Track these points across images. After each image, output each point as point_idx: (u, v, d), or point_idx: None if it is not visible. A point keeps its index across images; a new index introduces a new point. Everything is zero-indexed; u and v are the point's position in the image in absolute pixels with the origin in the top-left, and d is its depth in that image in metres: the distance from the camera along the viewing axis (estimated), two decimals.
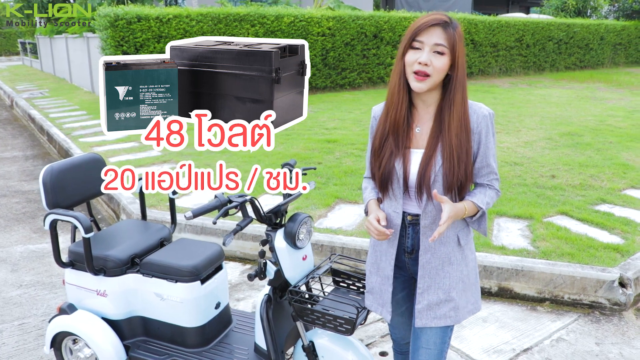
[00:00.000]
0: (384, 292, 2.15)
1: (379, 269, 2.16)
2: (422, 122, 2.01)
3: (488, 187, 2.04)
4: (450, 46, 1.87)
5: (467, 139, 1.93)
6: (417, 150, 2.00)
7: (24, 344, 3.40)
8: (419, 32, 1.87)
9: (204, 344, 2.79)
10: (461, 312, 2.08)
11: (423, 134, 2.00)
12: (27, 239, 5.13)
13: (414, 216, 2.04)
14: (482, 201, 1.98)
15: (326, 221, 4.74)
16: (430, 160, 1.94)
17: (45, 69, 23.83)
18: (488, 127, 1.98)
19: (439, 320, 2.05)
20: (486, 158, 2.00)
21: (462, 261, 2.07)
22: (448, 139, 1.92)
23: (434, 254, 2.03)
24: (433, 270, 2.04)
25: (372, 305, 2.22)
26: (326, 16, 12.89)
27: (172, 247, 2.92)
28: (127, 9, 10.39)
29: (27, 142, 9.84)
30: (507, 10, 30.41)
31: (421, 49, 1.88)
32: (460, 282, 2.07)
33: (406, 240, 2.09)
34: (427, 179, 1.94)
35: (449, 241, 2.03)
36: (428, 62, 1.86)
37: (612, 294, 3.73)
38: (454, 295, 2.05)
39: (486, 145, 1.98)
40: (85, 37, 14.49)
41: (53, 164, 2.85)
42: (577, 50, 19.61)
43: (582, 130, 8.59)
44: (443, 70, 1.89)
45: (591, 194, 5.45)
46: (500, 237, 4.39)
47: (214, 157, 7.03)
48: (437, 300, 2.04)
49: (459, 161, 1.92)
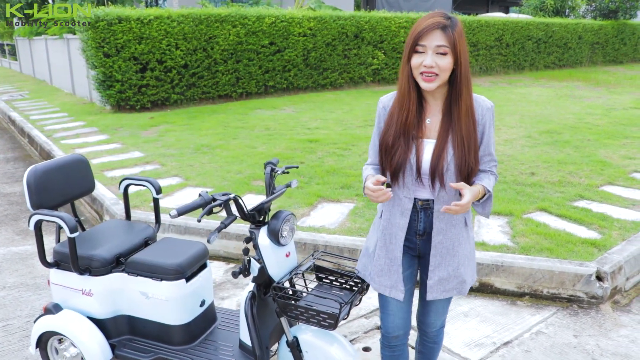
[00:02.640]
0: (393, 273, 2.28)
1: (388, 251, 2.29)
2: (433, 114, 2.16)
3: (490, 173, 2.24)
4: (451, 46, 1.99)
5: (474, 129, 2.11)
6: (429, 141, 2.14)
7: (8, 345, 3.39)
8: (421, 36, 2.00)
9: (189, 341, 2.82)
10: (465, 284, 2.31)
11: (434, 125, 2.15)
12: (9, 241, 5.10)
13: (424, 201, 2.20)
14: (489, 185, 2.18)
15: (309, 220, 4.78)
16: (442, 150, 2.09)
17: (24, 71, 23.54)
18: (491, 118, 2.17)
19: (447, 292, 2.29)
20: (488, 147, 2.19)
21: (467, 240, 2.29)
22: (458, 129, 2.08)
23: (446, 235, 2.22)
24: (444, 250, 2.23)
25: (380, 288, 2.34)
26: (307, 16, 12.93)
27: (156, 246, 2.94)
28: (108, 10, 10.31)
29: (7, 145, 9.74)
30: (487, 10, 30.70)
31: (425, 52, 2.01)
32: (466, 259, 2.30)
33: (418, 224, 2.24)
34: (440, 168, 2.09)
35: (458, 223, 2.23)
36: (433, 64, 1.99)
37: (590, 288, 3.82)
38: (462, 271, 2.27)
39: (489, 135, 2.17)
40: (65, 39, 14.36)
41: (37, 165, 2.86)
42: (556, 49, 19.88)
43: (561, 128, 8.74)
44: (449, 69, 2.02)
45: (570, 190, 5.57)
46: (481, 233, 4.47)
47: (195, 158, 7.04)
48: (447, 275, 2.26)
49: (469, 149, 2.09)
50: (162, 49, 10.91)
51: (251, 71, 12.36)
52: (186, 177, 6.15)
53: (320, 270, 2.69)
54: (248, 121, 9.65)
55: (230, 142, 7.92)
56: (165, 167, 6.63)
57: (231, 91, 12.25)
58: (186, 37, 11.19)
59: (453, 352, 3.26)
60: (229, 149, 7.51)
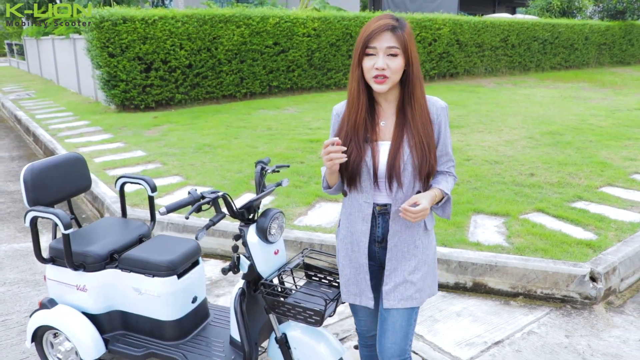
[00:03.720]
0: (360, 280, 2.23)
1: (351, 260, 2.24)
2: (387, 117, 2.13)
3: (448, 174, 2.21)
4: (402, 47, 1.98)
5: (431, 128, 2.10)
6: (384, 142, 2.11)
7: (6, 340, 3.45)
8: (370, 39, 1.98)
9: (181, 336, 2.86)
10: (424, 294, 2.20)
11: (388, 127, 2.12)
12: (11, 238, 5.17)
13: (382, 206, 2.15)
14: (446, 188, 2.15)
15: (306, 219, 4.82)
16: (398, 151, 2.06)
17: (32, 71, 23.72)
18: (445, 118, 2.15)
19: (405, 301, 2.16)
20: (445, 147, 2.17)
21: (427, 245, 2.20)
22: (415, 129, 2.05)
23: (401, 238, 2.15)
24: (400, 253, 2.15)
25: (349, 298, 2.29)
26: (311, 17, 12.97)
27: (150, 243, 2.99)
28: (113, 11, 10.40)
29: (13, 143, 9.84)
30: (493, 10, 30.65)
31: (375, 55, 1.99)
32: (425, 265, 2.20)
33: (377, 230, 2.18)
34: (397, 168, 2.06)
35: (416, 226, 2.16)
36: (384, 66, 1.97)
37: (583, 288, 3.84)
38: (419, 278, 2.17)
39: (445, 134, 2.15)
40: (71, 39, 14.47)
41: (34, 163, 2.92)
42: (562, 50, 19.82)
43: (564, 130, 8.73)
44: (400, 70, 2.01)
45: (568, 191, 5.57)
46: (477, 233, 4.49)
47: (197, 157, 7.09)
48: (402, 281, 2.16)
49: (429, 148, 2.07)
50: (166, 49, 10.99)
51: (255, 71, 12.42)
52: (186, 176, 6.20)
53: (310, 268, 2.72)
54: (250, 121, 9.70)
55: (231, 142, 7.97)
56: (166, 166, 6.68)
57: (235, 91, 12.31)
58: (190, 37, 11.26)
59: (443, 351, 3.28)
60: (230, 148, 7.56)
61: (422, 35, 15.17)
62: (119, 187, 3.30)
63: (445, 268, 4.02)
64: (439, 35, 15.58)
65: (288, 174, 6.14)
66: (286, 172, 6.23)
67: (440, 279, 4.04)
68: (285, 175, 6.10)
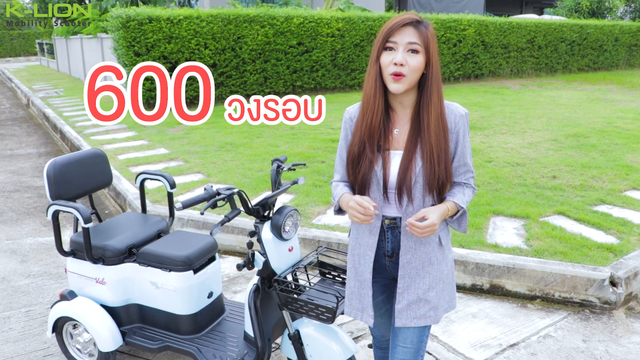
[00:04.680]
0: (363, 296, 2.14)
1: (357, 273, 2.16)
2: (401, 124, 2.02)
3: (465, 186, 2.08)
4: (424, 44, 1.89)
5: (445, 139, 1.95)
6: (397, 152, 2.00)
7: (29, 330, 3.55)
8: (392, 32, 1.88)
9: (196, 331, 2.91)
10: (439, 311, 2.10)
11: (402, 135, 2.01)
12: (37, 231, 5.30)
13: (392, 220, 2.06)
14: (462, 201, 2.03)
15: (325, 218, 4.84)
16: (410, 162, 1.95)
17: (61, 69, 24.21)
18: (465, 126, 2.01)
19: (419, 320, 2.06)
20: (464, 157, 2.04)
21: (442, 261, 2.09)
22: (427, 139, 1.93)
23: (415, 254, 2.04)
24: (413, 271, 2.05)
25: (351, 312, 2.20)
26: (335, 17, 12.99)
27: (168, 239, 3.04)
28: (139, 10, 10.57)
29: (41, 140, 10.06)
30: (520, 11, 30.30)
31: (395, 50, 1.89)
32: (440, 282, 2.09)
33: (386, 245, 2.09)
34: (407, 181, 1.95)
35: (430, 241, 2.05)
36: (403, 61, 1.87)
37: (603, 293, 3.79)
38: (433, 296, 2.07)
39: (464, 144, 2.01)
40: (99, 38, 14.73)
41: (57, 158, 3.00)
42: (590, 51, 19.50)
43: (589, 132, 8.59)
44: (419, 69, 1.90)
45: (591, 194, 5.49)
46: (495, 235, 4.46)
47: (219, 155, 7.17)
48: (416, 299, 2.05)
49: (439, 160, 1.93)
50: (191, 49, 11.12)
51: (279, 71, 12.49)
52: (208, 174, 6.27)
53: (324, 266, 2.74)
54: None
55: (254, 141, 8.03)
56: (188, 164, 6.77)
57: (259, 90, 12.39)
58: (215, 37, 11.38)
59: (457, 352, 3.27)
60: (253, 147, 7.62)
61: (447, 36, 15.08)
62: (139, 183, 3.37)
63: (462, 269, 4.01)
64: (464, 36, 15.46)
65: (308, 173, 6.18)
66: (307, 171, 6.26)
67: (457, 280, 4.03)
68: (305, 174, 6.14)
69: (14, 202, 6.25)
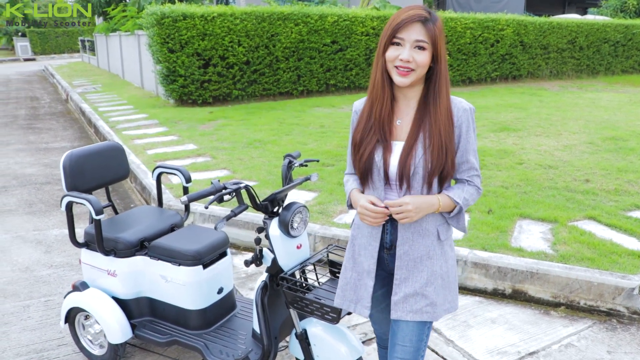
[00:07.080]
0: (360, 287, 2.11)
1: (356, 263, 2.13)
2: (403, 115, 2.01)
3: (468, 184, 2.03)
4: (431, 41, 1.87)
5: (451, 131, 1.94)
6: (398, 142, 1.99)
7: (47, 319, 3.60)
8: (399, 29, 1.87)
9: (205, 326, 2.89)
10: (438, 309, 2.04)
11: (403, 126, 2.00)
12: (63, 223, 5.39)
13: None
14: (459, 196, 1.98)
15: (346, 217, 4.78)
16: (410, 151, 1.94)
17: (101, 66, 24.75)
18: (469, 121, 1.97)
19: (415, 314, 2.02)
20: (466, 153, 1.99)
21: (441, 257, 2.04)
22: (435, 129, 1.91)
23: (412, 246, 2.01)
24: (411, 263, 2.01)
25: (343, 303, 2.16)
26: (370, 16, 12.89)
27: (180, 233, 3.03)
28: (173, 8, 10.70)
29: (76, 134, 10.28)
30: (563, 11, 29.53)
31: (402, 45, 1.88)
32: (440, 279, 2.04)
33: (385, 236, 2.07)
34: (407, 170, 1.93)
35: (428, 234, 2.01)
36: (410, 59, 1.86)
37: (632, 302, 3.62)
38: (431, 291, 2.02)
39: (467, 139, 1.98)
40: (136, 35, 14.98)
41: (73, 150, 3.02)
42: (635, 52, 18.84)
43: (628, 135, 8.28)
44: (425, 65, 1.89)
45: (625, 199, 5.28)
46: (520, 239, 4.33)
47: (246, 152, 7.18)
48: (413, 293, 2.01)
49: (446, 152, 1.91)
50: (224, 46, 11.20)
51: (312, 69, 12.46)
52: (234, 170, 6.28)
53: (334, 265, 2.69)
54: (304, 118, 9.74)
55: (282, 138, 8.02)
56: (215, 160, 6.80)
57: (292, 89, 12.39)
58: (249, 34, 11.42)
59: (473, 358, 3.17)
60: (281, 144, 7.61)
61: (484, 36, 14.80)
62: (155, 177, 3.37)
63: (483, 273, 3.89)
64: (502, 36, 15.15)
65: (334, 171, 6.12)
66: (333, 169, 6.21)
67: (478, 284, 3.92)
68: (331, 172, 6.08)
69: (44, 194, 6.38)
